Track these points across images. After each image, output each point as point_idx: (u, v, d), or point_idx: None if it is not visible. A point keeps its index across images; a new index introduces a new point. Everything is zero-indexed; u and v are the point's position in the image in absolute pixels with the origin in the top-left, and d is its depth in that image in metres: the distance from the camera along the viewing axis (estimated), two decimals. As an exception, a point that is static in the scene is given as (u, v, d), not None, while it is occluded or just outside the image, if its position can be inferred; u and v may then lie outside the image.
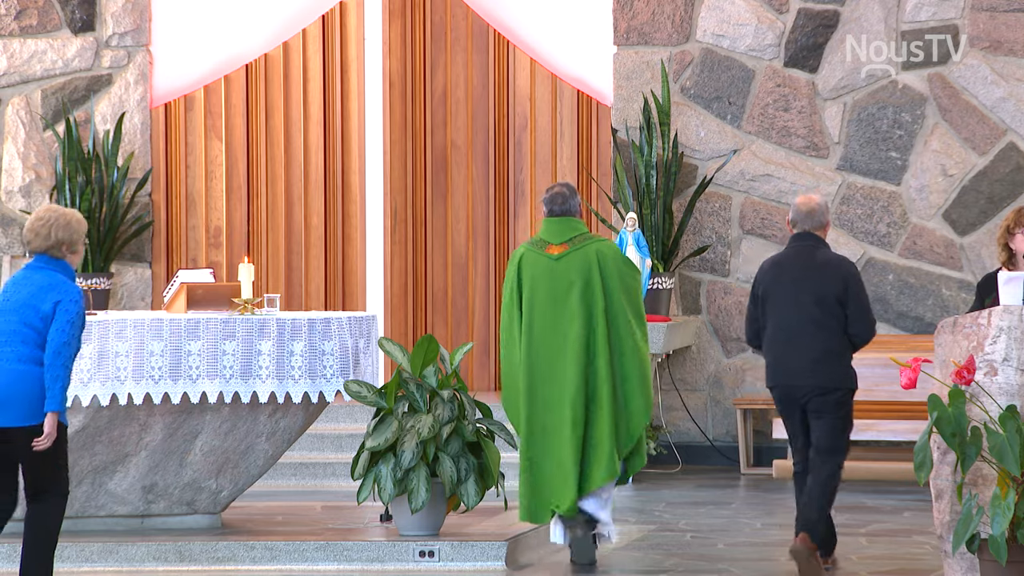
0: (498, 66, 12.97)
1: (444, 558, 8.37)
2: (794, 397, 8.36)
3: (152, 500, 8.79)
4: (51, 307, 7.14)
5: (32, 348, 7.14)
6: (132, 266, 13.01)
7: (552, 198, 8.66)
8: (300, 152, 13.06)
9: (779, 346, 8.35)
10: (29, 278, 7.23)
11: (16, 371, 7.12)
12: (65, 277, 7.21)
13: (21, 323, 7.15)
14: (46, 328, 7.14)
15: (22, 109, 13.00)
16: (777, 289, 8.37)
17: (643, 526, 9.84)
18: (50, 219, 7.22)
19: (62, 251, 7.22)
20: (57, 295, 7.14)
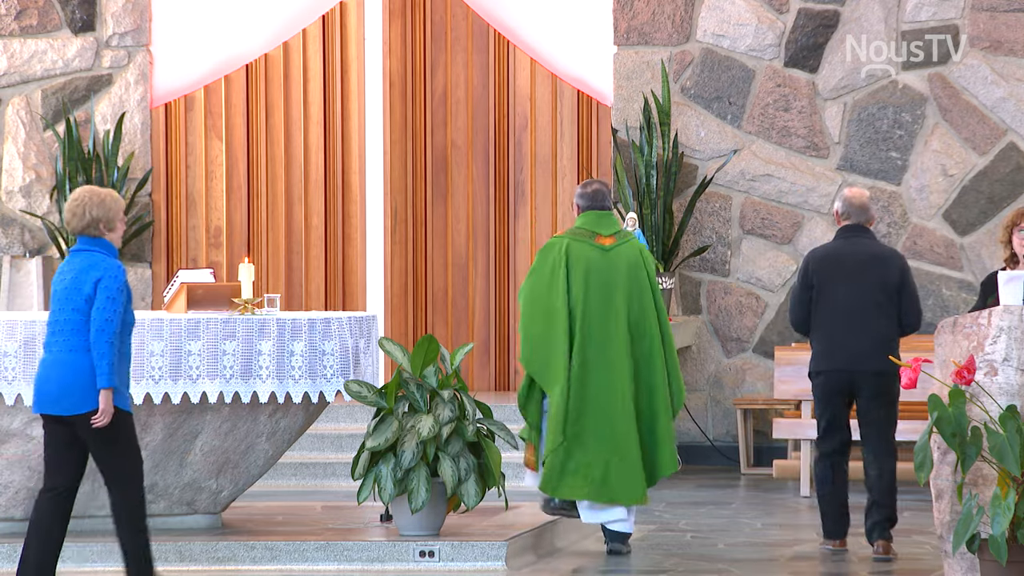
0: (498, 66, 12.97)
1: (444, 558, 8.37)
2: (845, 382, 8.80)
3: (152, 500, 8.79)
4: (92, 287, 7.22)
5: (81, 336, 7.21)
6: (132, 266, 13.00)
7: (595, 193, 8.89)
8: (300, 152, 13.05)
9: (840, 331, 8.80)
10: (71, 263, 7.33)
11: (67, 361, 7.20)
12: (105, 254, 7.29)
13: (70, 310, 7.23)
14: (91, 310, 7.22)
15: (22, 109, 13.00)
16: (836, 278, 8.84)
17: (643, 526, 9.83)
18: (84, 198, 7.31)
19: (99, 229, 7.30)
20: (97, 273, 7.23)
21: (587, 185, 8.94)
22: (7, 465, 8.64)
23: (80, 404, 7.19)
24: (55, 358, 7.24)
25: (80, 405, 7.19)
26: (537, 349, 8.71)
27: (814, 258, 8.95)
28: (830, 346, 8.82)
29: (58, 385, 7.21)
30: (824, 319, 8.85)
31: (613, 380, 8.66)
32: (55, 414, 7.24)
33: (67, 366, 7.21)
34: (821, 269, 8.89)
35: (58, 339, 7.25)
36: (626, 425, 8.64)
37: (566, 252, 8.76)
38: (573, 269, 8.75)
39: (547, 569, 8.53)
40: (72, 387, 7.20)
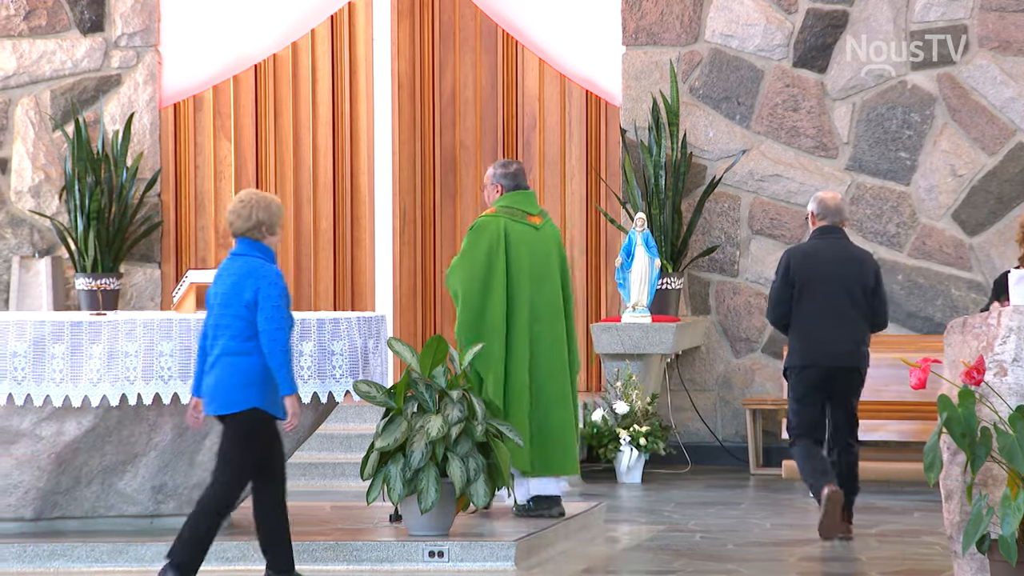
0: (507, 66, 12.97)
1: (454, 558, 8.36)
2: (825, 378, 9.15)
3: (162, 500, 8.79)
4: (252, 295, 7.38)
5: (240, 340, 7.39)
6: (141, 266, 13.01)
7: (518, 172, 9.08)
8: (309, 153, 13.06)
9: (821, 328, 9.14)
10: (231, 267, 7.48)
11: (224, 363, 7.40)
12: (264, 260, 7.43)
13: (230, 316, 7.41)
14: (252, 315, 7.36)
15: (31, 109, 13.01)
16: (817, 276, 9.17)
17: (652, 526, 9.83)
18: (250, 201, 7.45)
19: (262, 232, 7.44)
20: (256, 281, 7.38)
21: (508, 164, 9.09)
22: (16, 465, 8.64)
23: (227, 405, 7.40)
24: (216, 360, 7.45)
25: (227, 406, 7.40)
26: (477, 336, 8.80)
27: (795, 256, 9.27)
28: (810, 342, 9.16)
29: (215, 386, 7.42)
30: (804, 316, 9.19)
31: (558, 354, 8.91)
32: (208, 414, 7.49)
33: (225, 368, 7.40)
34: (802, 267, 9.22)
35: (218, 342, 7.43)
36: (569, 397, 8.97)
37: (504, 231, 8.87)
38: (513, 248, 8.91)
39: (556, 569, 8.53)
40: (222, 388, 7.39)
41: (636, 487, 11.60)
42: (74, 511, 8.75)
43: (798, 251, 9.31)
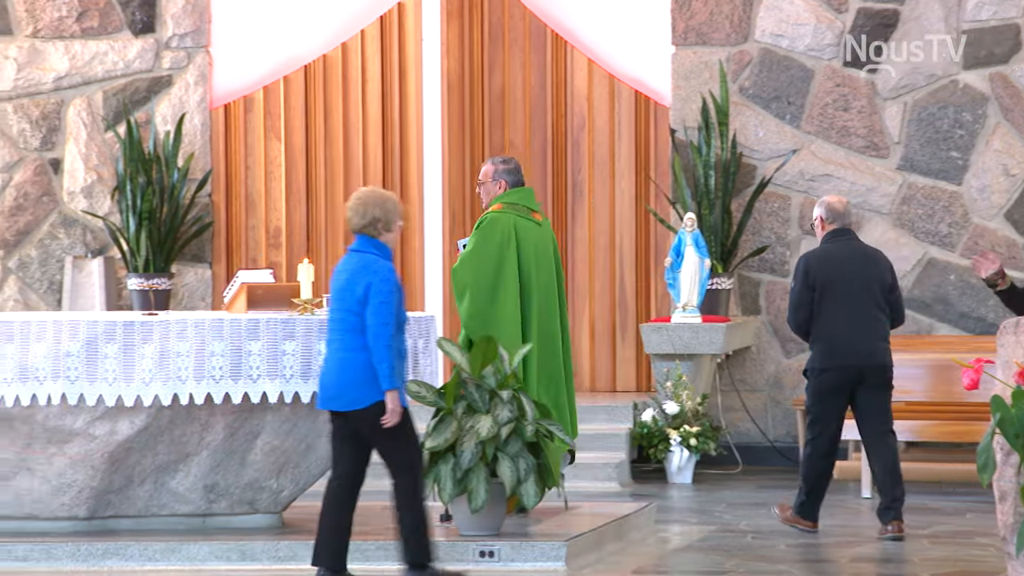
0: (556, 66, 12.97)
1: (504, 558, 8.36)
2: (851, 378, 9.27)
3: (214, 499, 8.83)
4: (364, 290, 7.45)
5: (355, 335, 7.45)
6: (193, 266, 13.06)
7: (518, 168, 9.20)
8: (359, 153, 13.08)
9: (846, 329, 9.25)
10: (347, 263, 7.56)
11: (343, 359, 7.48)
12: (378, 256, 7.50)
13: (344, 311, 7.48)
14: (363, 311, 7.44)
15: (84, 110, 13.08)
16: (838, 278, 9.29)
17: (703, 527, 9.81)
18: (366, 198, 7.54)
19: (378, 229, 7.52)
20: (368, 277, 7.46)
21: (508, 161, 9.19)
22: (70, 464, 8.69)
23: (355, 401, 7.46)
24: (332, 356, 7.52)
25: (355, 402, 7.46)
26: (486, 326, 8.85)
27: (813, 260, 9.38)
28: (835, 344, 9.27)
29: (335, 383, 7.47)
30: (828, 319, 9.29)
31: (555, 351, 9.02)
32: (333, 410, 7.50)
33: (343, 364, 7.46)
34: (822, 271, 9.33)
35: (334, 337, 7.51)
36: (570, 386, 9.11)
37: (515, 228, 8.96)
38: (523, 244, 9.00)
39: (607, 570, 8.52)
40: (348, 385, 7.46)
41: (687, 487, 11.57)
42: (127, 510, 8.79)
43: (815, 255, 9.39)
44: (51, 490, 8.69)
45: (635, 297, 12.84)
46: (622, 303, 12.88)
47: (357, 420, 7.51)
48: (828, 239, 9.41)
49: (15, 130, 13.06)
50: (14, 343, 8.58)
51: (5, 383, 8.56)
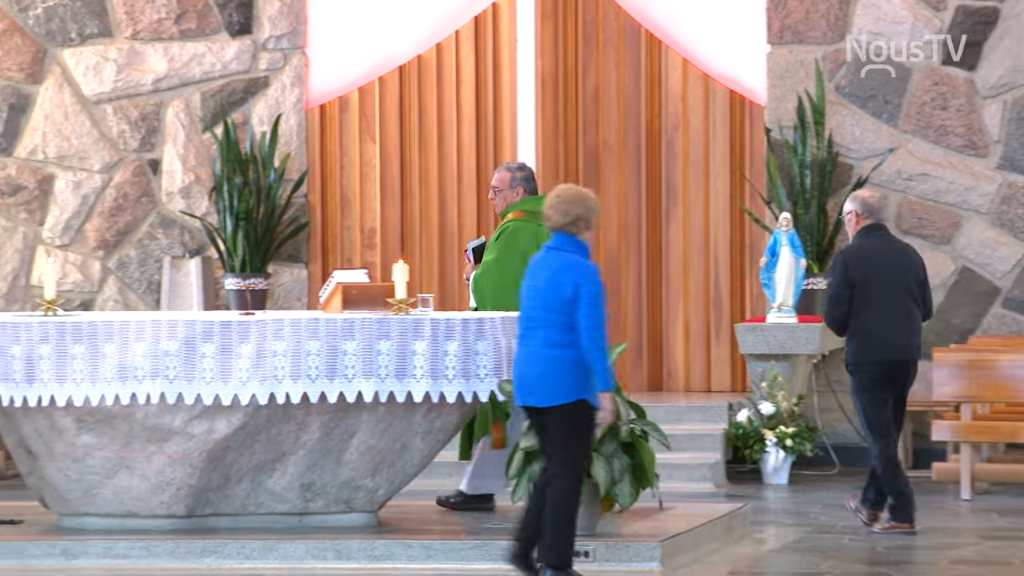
0: (650, 66, 12.93)
1: (600, 558, 8.35)
2: (896, 372, 9.39)
3: (310, 498, 8.87)
4: (571, 290, 7.44)
5: (558, 332, 7.45)
6: (289, 266, 13.14)
7: (533, 176, 9.31)
8: (453, 152, 13.11)
9: (886, 324, 9.31)
10: (547, 260, 7.55)
11: (543, 355, 7.46)
12: (580, 256, 7.51)
13: (545, 309, 7.47)
14: (569, 309, 7.42)
15: (182, 111, 13.19)
16: (875, 273, 9.35)
17: (799, 528, 9.75)
18: (569, 196, 7.54)
19: (579, 227, 7.53)
20: (574, 276, 7.45)
21: (523, 168, 9.28)
22: (169, 463, 8.76)
23: (552, 396, 7.46)
24: (530, 352, 7.51)
25: (552, 397, 7.46)
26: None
27: (851, 256, 9.42)
28: (878, 338, 9.32)
29: (534, 379, 7.48)
30: (869, 313, 9.33)
31: None
32: (529, 406, 7.54)
33: (542, 361, 7.45)
34: (861, 266, 9.37)
35: (534, 335, 7.49)
36: None
37: (538, 238, 8.96)
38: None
39: (702, 570, 8.49)
40: (545, 381, 7.45)
41: (782, 488, 11.51)
42: (225, 508, 8.85)
43: (853, 251, 9.44)
44: (150, 488, 8.77)
45: (730, 297, 12.78)
46: (717, 303, 12.82)
47: (548, 415, 7.51)
48: (863, 235, 9.46)
49: (115, 131, 13.19)
50: (114, 343, 8.67)
51: (105, 382, 8.64)
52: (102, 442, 8.74)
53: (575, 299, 7.40)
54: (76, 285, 13.18)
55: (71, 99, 13.17)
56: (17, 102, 13.18)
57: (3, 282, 13.20)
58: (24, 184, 13.22)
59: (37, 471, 8.90)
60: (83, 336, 8.68)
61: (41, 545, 8.52)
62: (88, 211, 13.21)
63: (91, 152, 13.18)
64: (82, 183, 13.20)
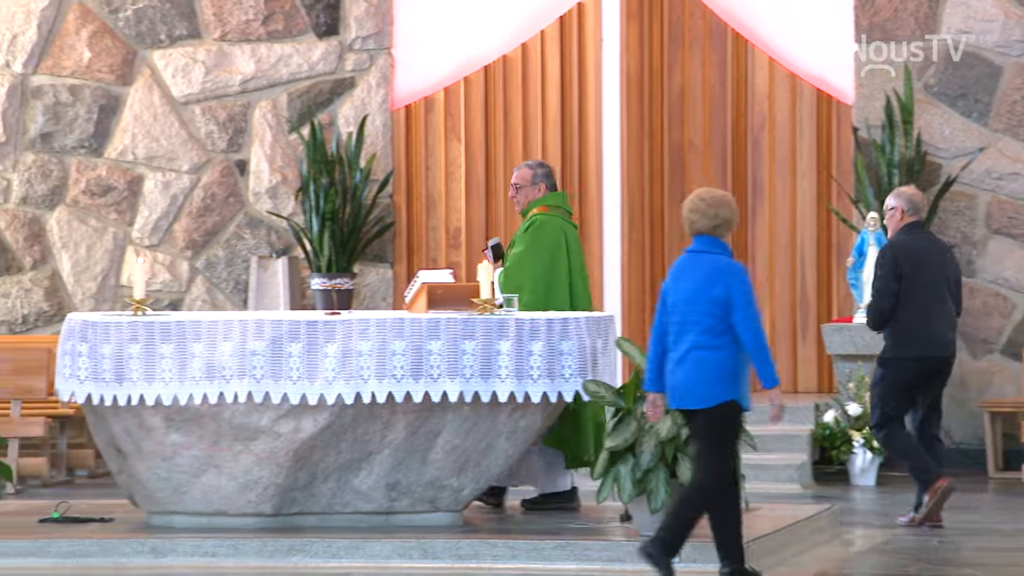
0: (736, 65, 12.88)
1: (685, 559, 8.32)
2: (932, 368, 9.48)
3: (395, 498, 8.90)
4: (723, 291, 7.45)
5: (709, 335, 7.47)
6: (374, 266, 13.19)
7: (552, 172, 9.46)
8: (538, 152, 13.11)
9: (930, 320, 9.42)
10: (693, 263, 7.58)
11: (695, 358, 7.47)
12: (727, 257, 7.56)
13: (698, 312, 7.48)
14: (720, 311, 7.45)
15: (269, 112, 13.27)
16: (921, 269, 9.43)
17: (887, 529, 9.69)
18: (713, 200, 7.60)
19: (723, 231, 7.59)
20: (726, 278, 7.48)
21: (543, 164, 9.45)
22: (256, 462, 8.82)
23: (704, 399, 7.46)
24: (681, 356, 7.50)
25: (704, 399, 7.46)
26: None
27: (900, 251, 9.47)
28: (922, 334, 9.40)
29: (687, 381, 7.48)
30: (913, 308, 9.40)
31: None
32: (683, 408, 7.53)
33: (696, 363, 7.46)
34: (909, 261, 9.44)
35: (683, 338, 7.48)
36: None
37: (565, 232, 9.18)
38: (571, 246, 9.25)
39: (789, 572, 8.45)
40: (699, 383, 7.46)
41: (870, 490, 11.43)
42: (311, 507, 8.90)
43: (902, 246, 9.49)
44: (238, 487, 8.83)
45: (816, 297, 12.71)
46: (803, 303, 12.76)
47: (699, 417, 7.52)
48: (906, 231, 9.53)
49: (203, 132, 13.29)
50: (202, 342, 8.73)
51: (193, 381, 8.71)
52: (190, 441, 8.81)
53: (728, 301, 7.41)
54: (165, 285, 13.29)
55: (160, 100, 13.28)
56: (107, 104, 13.31)
57: (93, 282, 13.33)
58: (114, 185, 13.34)
59: (127, 470, 8.98)
60: (172, 336, 8.75)
61: (131, 543, 8.60)
62: (177, 211, 13.32)
63: (180, 153, 13.29)
64: (171, 184, 13.31)
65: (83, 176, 13.33)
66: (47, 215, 13.36)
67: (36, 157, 13.34)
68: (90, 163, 13.34)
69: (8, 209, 13.36)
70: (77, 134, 13.30)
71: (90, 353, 8.79)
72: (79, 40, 13.26)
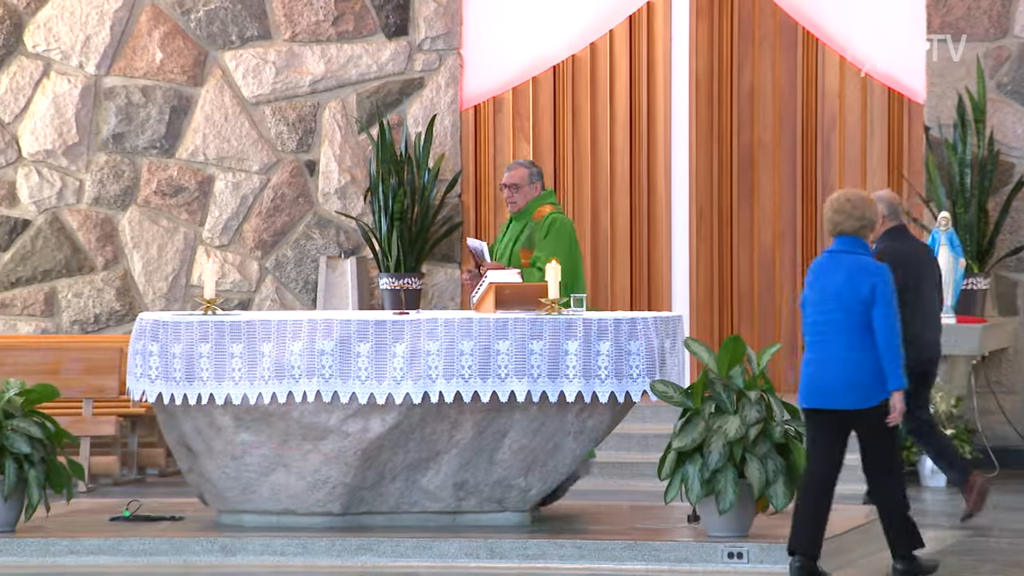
0: (806, 64, 12.82)
1: (753, 560, 8.30)
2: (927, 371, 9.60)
3: (463, 497, 8.92)
4: (868, 291, 7.60)
5: (859, 335, 7.62)
6: (442, 266, 13.22)
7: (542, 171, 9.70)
8: (606, 153, 13.10)
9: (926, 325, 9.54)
10: (836, 263, 7.71)
11: (848, 359, 7.62)
12: (870, 258, 7.69)
13: (844, 311, 7.63)
14: (866, 311, 7.58)
15: (338, 113, 13.33)
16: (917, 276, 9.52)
17: (957, 531, 9.62)
18: (857, 201, 7.74)
19: (867, 231, 7.74)
20: (871, 278, 7.63)
21: (535, 164, 9.62)
22: (325, 461, 8.86)
23: (863, 399, 7.63)
24: (831, 356, 7.63)
25: (863, 400, 7.64)
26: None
27: (900, 259, 9.37)
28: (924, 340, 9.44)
29: (840, 381, 7.61)
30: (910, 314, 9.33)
31: None
32: (835, 408, 7.66)
33: (847, 364, 7.61)
34: (909, 270, 9.44)
35: (831, 338, 7.62)
36: None
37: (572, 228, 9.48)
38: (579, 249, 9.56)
39: (857, 573, 8.41)
40: (856, 383, 7.60)
41: (940, 491, 11.36)
42: (379, 507, 8.93)
43: (899, 252, 9.42)
44: (306, 486, 8.87)
45: (887, 297, 12.64)
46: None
47: (859, 418, 7.66)
48: (892, 236, 9.47)
49: (273, 132, 13.37)
50: (271, 342, 8.78)
51: (263, 381, 8.76)
52: (259, 440, 8.86)
53: (872, 300, 7.53)
54: (234, 285, 13.37)
55: (231, 101, 13.36)
56: (179, 104, 13.40)
57: (164, 282, 13.43)
58: (185, 185, 13.44)
59: (197, 468, 9.04)
60: (241, 335, 8.80)
61: (201, 541, 8.66)
62: (246, 212, 13.40)
63: (250, 153, 13.36)
64: (241, 184, 13.39)
65: (154, 176, 13.43)
66: (119, 215, 13.47)
67: (108, 158, 13.45)
68: (161, 164, 13.44)
69: (81, 209, 13.49)
70: (149, 135, 13.40)
71: (161, 352, 8.86)
72: (151, 41, 13.36)
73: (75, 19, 13.42)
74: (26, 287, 13.46)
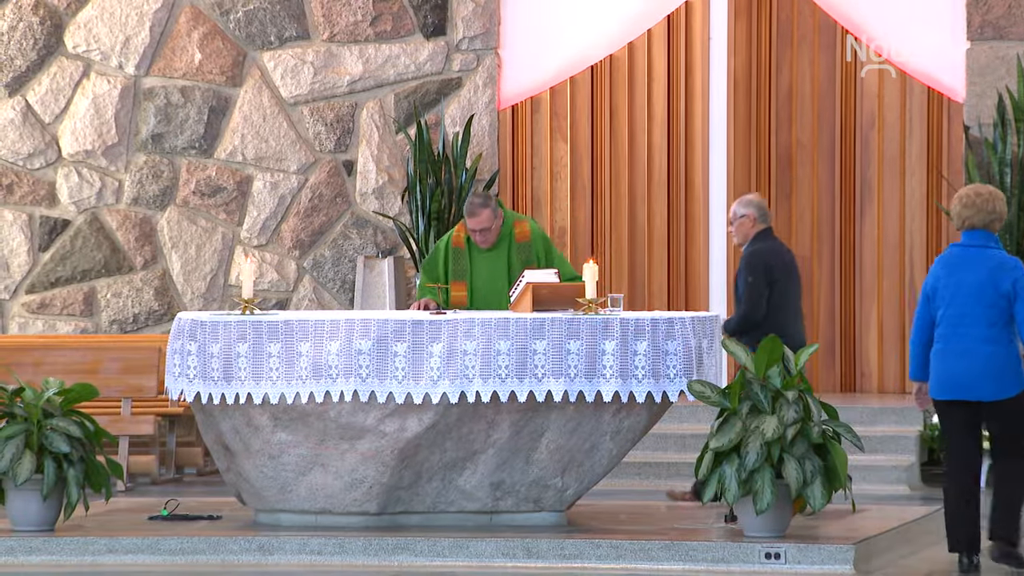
0: (844, 63, 12.79)
1: (791, 560, 8.29)
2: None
3: (500, 497, 8.92)
4: (1011, 285, 7.80)
5: (996, 328, 7.80)
6: (480, 266, 13.22)
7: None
8: (644, 152, 13.09)
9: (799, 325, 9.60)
10: (972, 258, 7.88)
11: (985, 352, 7.81)
12: (1004, 251, 7.85)
13: (985, 306, 7.83)
14: (1007, 304, 7.77)
15: (376, 113, 13.35)
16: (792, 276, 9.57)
17: (996, 533, 9.55)
18: (987, 195, 7.90)
19: (997, 225, 7.89)
20: (1012, 273, 7.82)
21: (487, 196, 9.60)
22: (361, 460, 8.87)
23: (1002, 391, 7.80)
24: (965, 348, 7.81)
25: (1002, 391, 7.80)
26: None
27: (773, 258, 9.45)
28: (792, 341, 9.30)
29: (980, 374, 7.79)
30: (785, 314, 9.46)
31: None
32: (970, 399, 7.84)
33: (985, 357, 7.79)
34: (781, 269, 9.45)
35: (968, 331, 7.81)
36: None
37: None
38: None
39: (897, 574, 8.38)
40: (996, 375, 7.78)
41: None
42: (416, 506, 8.94)
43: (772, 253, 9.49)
44: (343, 486, 8.89)
45: (926, 297, 12.58)
46: (912, 303, 12.64)
47: (997, 408, 7.81)
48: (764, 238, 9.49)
49: (311, 132, 13.40)
50: (309, 341, 8.80)
51: (300, 380, 8.78)
52: (297, 439, 8.88)
53: (1014, 294, 7.70)
54: (272, 284, 13.41)
55: (269, 101, 13.40)
56: (217, 105, 13.45)
57: (202, 282, 13.48)
58: (223, 185, 13.48)
59: (234, 468, 9.07)
60: (279, 335, 8.82)
61: (238, 541, 8.69)
62: (284, 212, 13.43)
63: (288, 153, 13.40)
64: (279, 184, 13.43)
65: (193, 177, 13.48)
66: (158, 215, 13.52)
67: (147, 158, 13.50)
68: (200, 164, 13.48)
69: (120, 209, 13.54)
70: (187, 135, 13.45)
71: (199, 352, 8.89)
72: (190, 42, 13.41)
73: (115, 20, 13.47)
74: (65, 287, 13.52)
